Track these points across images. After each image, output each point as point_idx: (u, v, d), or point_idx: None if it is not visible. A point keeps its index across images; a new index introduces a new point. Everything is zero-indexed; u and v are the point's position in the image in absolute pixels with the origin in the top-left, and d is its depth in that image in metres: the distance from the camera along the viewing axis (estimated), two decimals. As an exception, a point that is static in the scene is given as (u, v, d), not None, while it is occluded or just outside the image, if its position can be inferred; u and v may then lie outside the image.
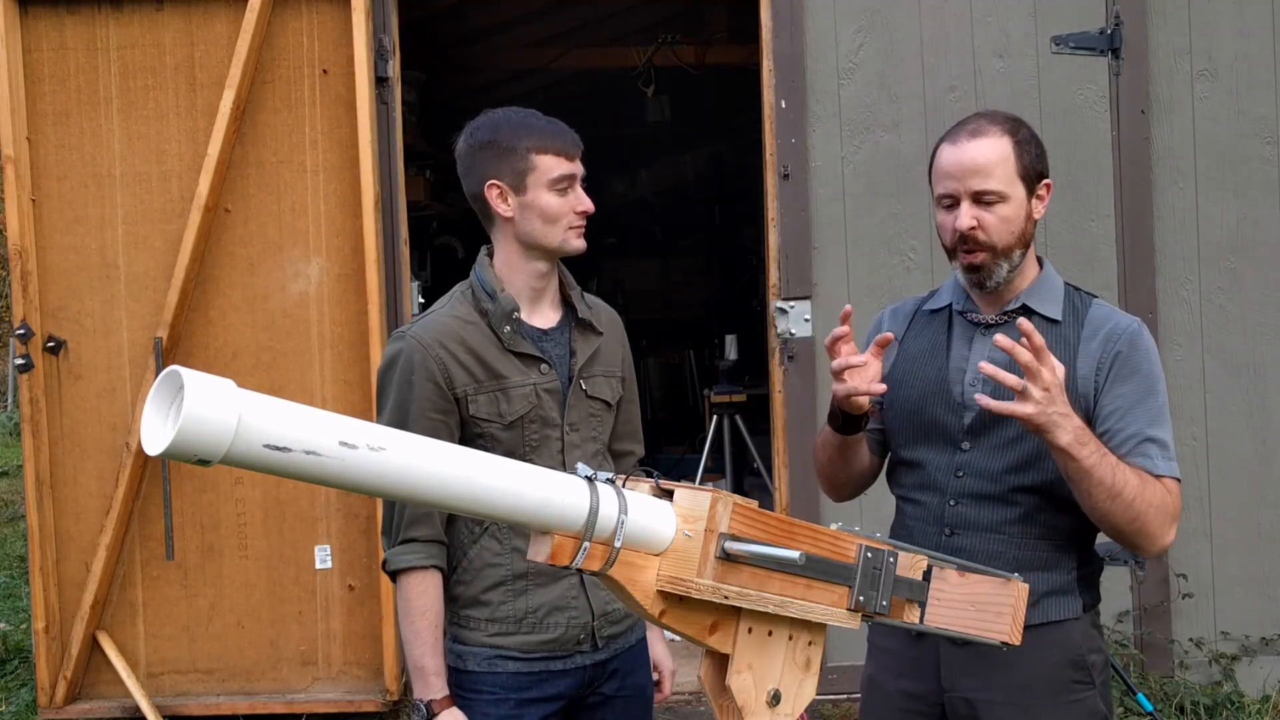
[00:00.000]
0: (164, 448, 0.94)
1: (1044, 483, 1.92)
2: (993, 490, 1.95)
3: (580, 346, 2.14)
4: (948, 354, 2.02)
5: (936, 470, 2.00)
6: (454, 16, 6.14)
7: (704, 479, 6.23)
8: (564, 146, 2.04)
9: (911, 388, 2.04)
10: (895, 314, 2.16)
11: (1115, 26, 3.98)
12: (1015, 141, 1.93)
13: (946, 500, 1.98)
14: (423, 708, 2.00)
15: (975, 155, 1.90)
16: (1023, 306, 1.98)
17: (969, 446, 1.97)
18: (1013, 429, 1.92)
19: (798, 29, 4.01)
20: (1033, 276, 2.02)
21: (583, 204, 2.06)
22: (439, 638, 2.03)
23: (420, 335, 2.03)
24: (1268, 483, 4.04)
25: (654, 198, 8.81)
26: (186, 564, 4.07)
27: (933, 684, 1.99)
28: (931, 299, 2.13)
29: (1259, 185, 4.01)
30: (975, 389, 1.95)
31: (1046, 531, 1.94)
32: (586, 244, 2.10)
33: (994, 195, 1.90)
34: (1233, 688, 3.96)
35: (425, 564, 2.01)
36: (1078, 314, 1.98)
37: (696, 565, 1.21)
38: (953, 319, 2.06)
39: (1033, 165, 1.94)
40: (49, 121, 4.00)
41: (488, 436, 2.03)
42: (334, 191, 4.00)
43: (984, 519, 1.95)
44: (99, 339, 4.03)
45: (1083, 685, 1.96)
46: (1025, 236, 1.95)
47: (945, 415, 1.99)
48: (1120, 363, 1.91)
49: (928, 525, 1.98)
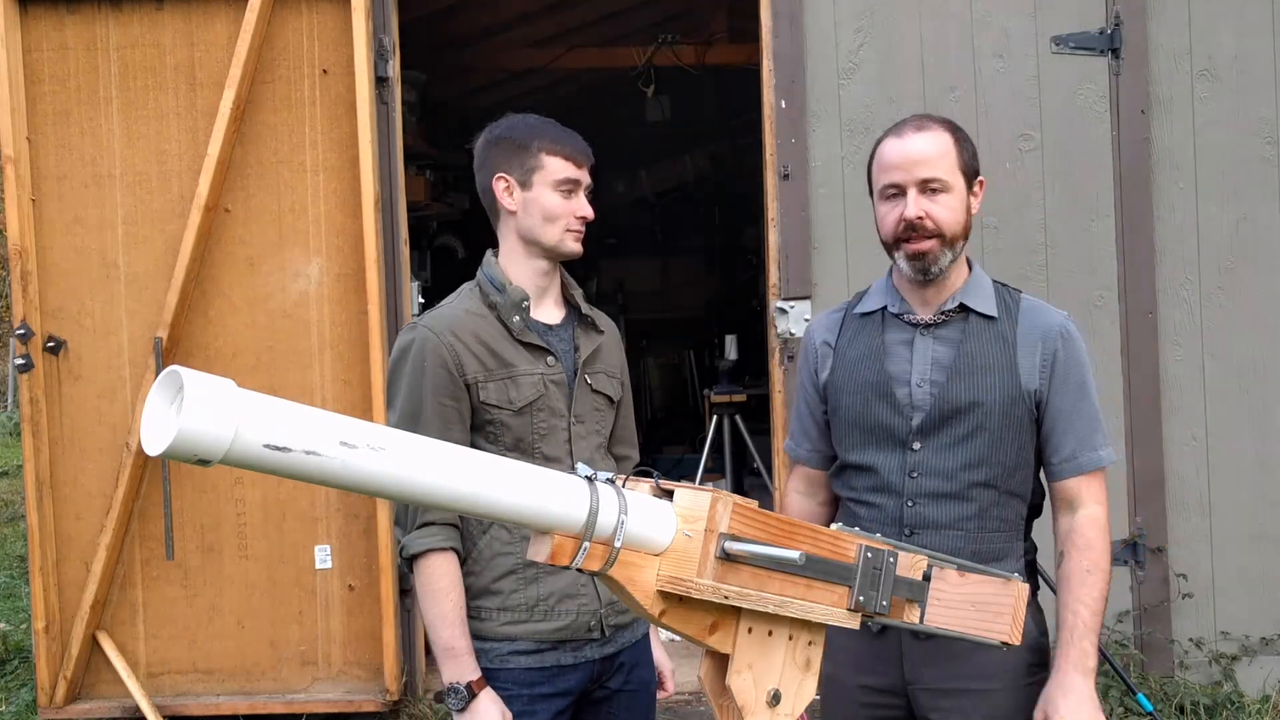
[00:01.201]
0: (164, 448, 0.94)
1: (997, 476, 1.99)
2: (949, 488, 1.99)
3: (584, 342, 2.19)
4: (886, 357, 2.06)
5: (889, 472, 2.03)
6: (454, 16, 6.13)
7: (704, 479, 6.23)
8: (573, 153, 2.13)
9: (854, 393, 2.07)
10: (825, 326, 2.19)
11: (1115, 26, 3.98)
12: (955, 138, 2.01)
13: (904, 501, 2.01)
14: (462, 689, 1.99)
15: (922, 146, 1.98)
16: (960, 305, 2.04)
17: (920, 446, 2.01)
18: (962, 426, 1.99)
19: (798, 29, 4.01)
20: (965, 276, 2.07)
21: (583, 210, 2.14)
22: (465, 618, 2.04)
23: (432, 325, 2.09)
24: (1268, 483, 4.04)
25: (654, 198, 8.81)
26: (186, 564, 4.07)
27: (895, 678, 2.03)
28: (860, 302, 2.16)
29: (1259, 185, 4.01)
30: (924, 390, 2.00)
31: (1000, 523, 2.01)
32: (585, 248, 2.17)
33: (939, 183, 1.97)
34: (1233, 688, 3.95)
35: (444, 545, 2.04)
36: (1010, 310, 2.05)
37: (696, 565, 1.20)
38: (886, 322, 2.09)
39: (970, 162, 2.02)
40: (49, 121, 4.00)
41: (498, 423, 2.07)
42: (334, 191, 4.00)
43: (942, 516, 2.00)
44: (99, 339, 4.03)
45: (1040, 668, 2.02)
46: (966, 228, 2.02)
47: (891, 418, 2.02)
48: (1059, 364, 2.01)
49: (886, 526, 2.01)
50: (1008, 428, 1.98)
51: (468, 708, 1.99)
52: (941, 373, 2.00)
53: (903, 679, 2.03)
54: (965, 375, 1.99)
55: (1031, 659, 2.01)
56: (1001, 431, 1.97)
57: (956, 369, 1.99)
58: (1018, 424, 1.99)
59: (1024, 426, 2.00)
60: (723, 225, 8.84)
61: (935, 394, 1.99)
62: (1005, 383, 1.98)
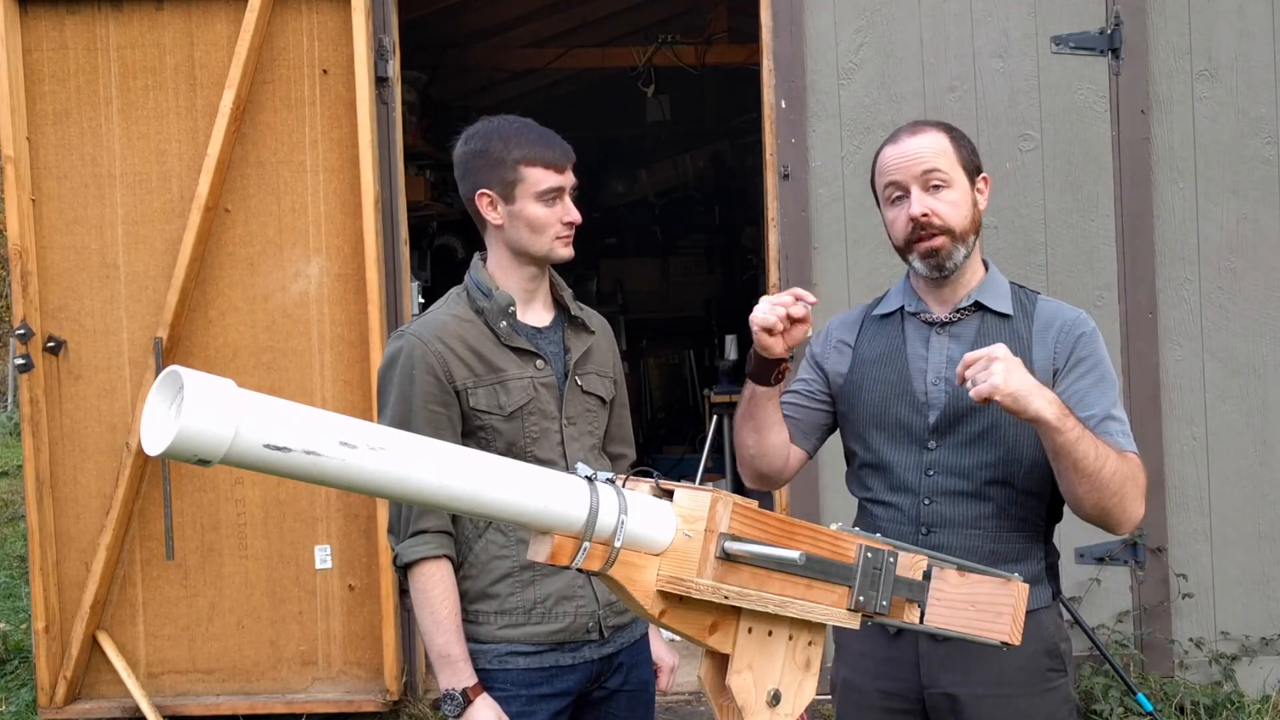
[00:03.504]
0: (164, 448, 0.94)
1: (1015, 475, 1.97)
2: (966, 486, 1.98)
3: (574, 344, 2.19)
4: (906, 355, 2.06)
5: (905, 471, 2.02)
6: (454, 16, 6.13)
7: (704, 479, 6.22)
8: (553, 159, 2.09)
9: (873, 390, 2.07)
10: (845, 324, 2.19)
11: (1115, 26, 3.98)
12: (951, 137, 2.03)
13: (921, 500, 2.01)
14: (457, 695, 2.00)
15: (918, 147, 2.00)
16: (975, 304, 2.04)
17: (935, 445, 2.00)
18: (978, 423, 1.97)
19: (798, 29, 4.01)
20: (981, 276, 2.07)
21: (570, 215, 2.11)
22: (460, 624, 2.05)
23: (419, 332, 2.08)
24: (1268, 483, 4.04)
25: (654, 198, 8.80)
26: (186, 564, 4.07)
27: (912, 682, 2.02)
28: (879, 304, 2.16)
29: (1259, 185, 4.01)
30: (939, 388, 2.00)
31: (1018, 524, 1.99)
32: (578, 250, 2.16)
33: (940, 178, 1.98)
34: (1233, 688, 3.95)
35: (438, 553, 2.04)
36: (1026, 309, 2.05)
37: (696, 565, 1.20)
38: (905, 321, 2.09)
39: (970, 159, 2.03)
40: (49, 121, 4.00)
41: (489, 429, 2.07)
42: (334, 191, 4.00)
43: (959, 515, 1.99)
44: (99, 339, 4.03)
45: (1056, 673, 2.00)
46: (975, 222, 2.02)
47: (910, 415, 2.02)
48: (1075, 353, 1.98)
49: (903, 525, 2.00)
50: (1023, 424, 1.93)
51: (464, 714, 1.99)
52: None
53: (919, 683, 2.01)
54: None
55: (1050, 664, 1.99)
56: (1017, 428, 1.95)
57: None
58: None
59: None
60: (723, 225, 8.84)
61: (949, 392, 1.98)
62: None
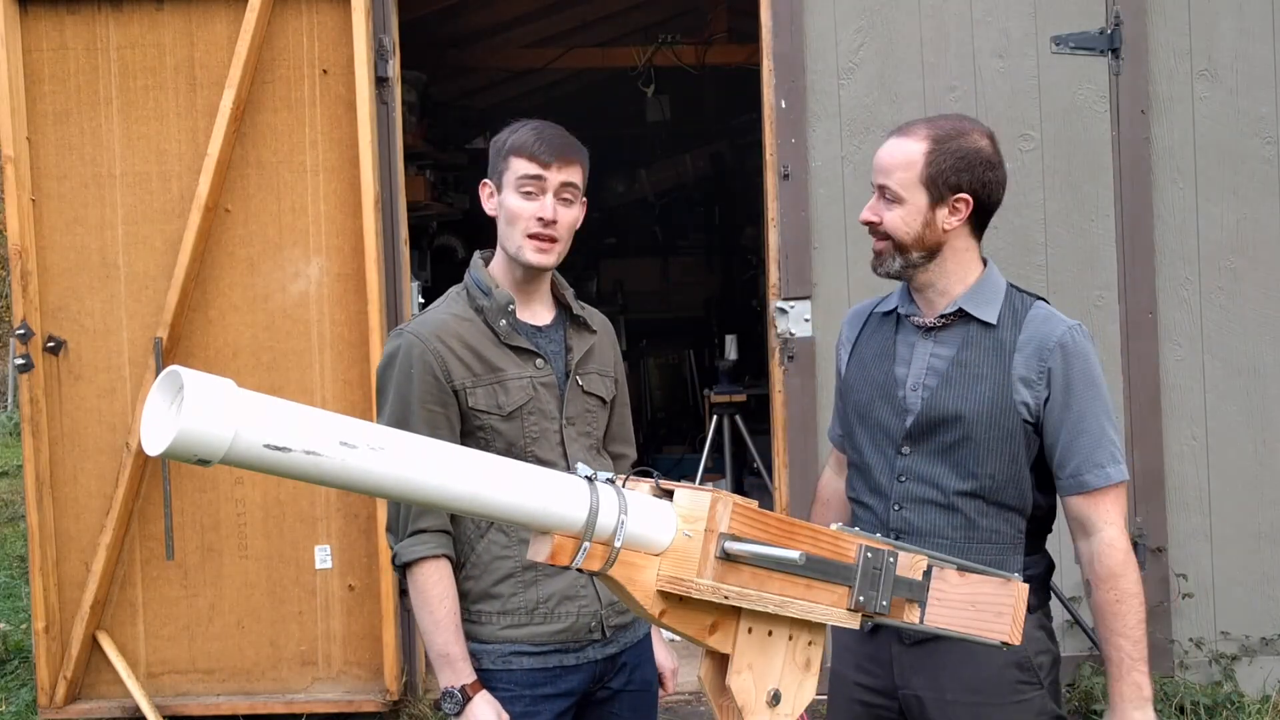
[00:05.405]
0: (164, 448, 0.94)
1: (985, 488, 1.95)
2: (934, 496, 1.97)
3: (575, 343, 2.17)
4: (894, 357, 2.06)
5: (880, 474, 2.03)
6: (454, 16, 6.14)
7: (704, 479, 6.23)
8: (537, 151, 2.03)
9: (862, 390, 2.08)
10: (854, 317, 2.21)
11: (1115, 26, 3.98)
12: (930, 149, 1.95)
13: (891, 505, 2.00)
14: (456, 694, 2.00)
15: (885, 153, 1.99)
16: (959, 311, 2.01)
17: (908, 451, 1.99)
18: (951, 434, 1.95)
19: (798, 29, 4.01)
20: (974, 278, 2.03)
21: (543, 211, 2.02)
22: (459, 624, 2.04)
23: (418, 331, 2.07)
24: (1268, 483, 4.04)
25: (654, 198, 8.81)
26: (186, 564, 4.06)
27: (887, 680, 2.03)
28: (884, 301, 2.16)
29: (1259, 185, 4.01)
30: (917, 394, 1.99)
31: (989, 535, 1.97)
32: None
33: (890, 194, 1.96)
34: (1233, 688, 3.95)
35: (436, 553, 2.04)
36: (1016, 316, 2.00)
37: (696, 565, 1.20)
38: (899, 323, 2.10)
39: (942, 175, 1.95)
40: (49, 121, 4.00)
41: (488, 429, 2.06)
42: (334, 191, 4.00)
43: (926, 524, 1.97)
44: (99, 339, 4.03)
45: (1029, 685, 1.98)
46: (925, 242, 1.97)
47: (889, 418, 2.02)
48: (1055, 378, 1.94)
49: (874, 530, 1.99)
50: (997, 439, 1.94)
51: (464, 711, 1.99)
52: (935, 378, 1.99)
53: (893, 683, 2.03)
54: (956, 384, 1.97)
55: (1021, 676, 1.98)
56: (989, 443, 1.94)
57: (949, 376, 1.98)
58: (1008, 435, 1.94)
59: (1016, 438, 1.94)
60: (723, 225, 8.84)
61: (925, 399, 1.98)
62: (995, 393, 1.94)
